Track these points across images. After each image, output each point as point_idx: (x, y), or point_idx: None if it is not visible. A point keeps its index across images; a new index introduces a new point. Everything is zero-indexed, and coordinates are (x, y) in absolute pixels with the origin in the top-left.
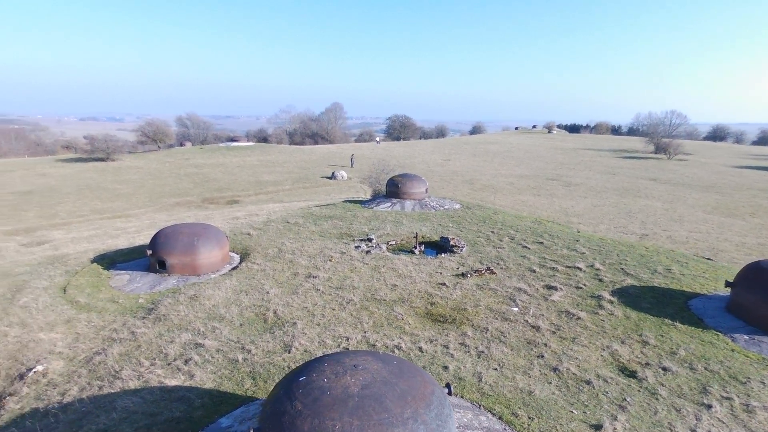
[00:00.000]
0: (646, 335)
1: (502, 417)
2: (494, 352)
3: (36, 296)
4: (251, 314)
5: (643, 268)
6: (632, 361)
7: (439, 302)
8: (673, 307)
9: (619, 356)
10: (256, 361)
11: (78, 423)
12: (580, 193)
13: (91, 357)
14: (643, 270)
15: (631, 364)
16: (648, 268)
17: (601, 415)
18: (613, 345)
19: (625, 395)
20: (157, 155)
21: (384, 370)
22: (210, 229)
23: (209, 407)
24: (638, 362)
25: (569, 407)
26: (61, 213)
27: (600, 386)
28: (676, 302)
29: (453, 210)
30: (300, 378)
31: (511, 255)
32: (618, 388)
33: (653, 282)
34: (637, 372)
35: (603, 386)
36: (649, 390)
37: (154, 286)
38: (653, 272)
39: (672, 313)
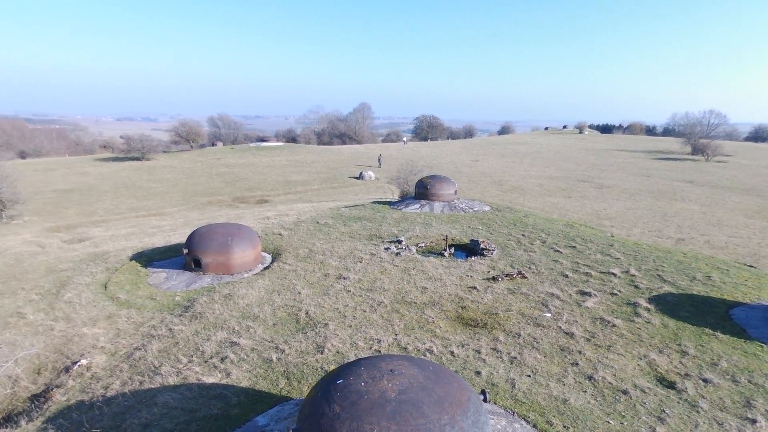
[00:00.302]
0: (686, 345)
1: (537, 425)
2: (527, 359)
3: (79, 292)
4: (284, 314)
5: (681, 274)
6: (671, 372)
7: (470, 306)
8: (714, 316)
9: (657, 366)
10: (290, 361)
11: (121, 417)
12: (612, 196)
13: (131, 352)
14: (681, 277)
15: (669, 374)
16: (686, 274)
17: (639, 427)
18: (651, 354)
19: (664, 407)
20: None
21: (420, 376)
22: (243, 229)
23: (245, 405)
24: (677, 373)
25: (605, 417)
26: (100, 211)
27: (637, 397)
28: (716, 311)
29: (482, 212)
30: (337, 381)
31: (543, 259)
32: (656, 399)
33: (692, 289)
34: (676, 383)
35: (640, 397)
36: (689, 402)
37: (189, 284)
38: (692, 279)
39: (712, 323)
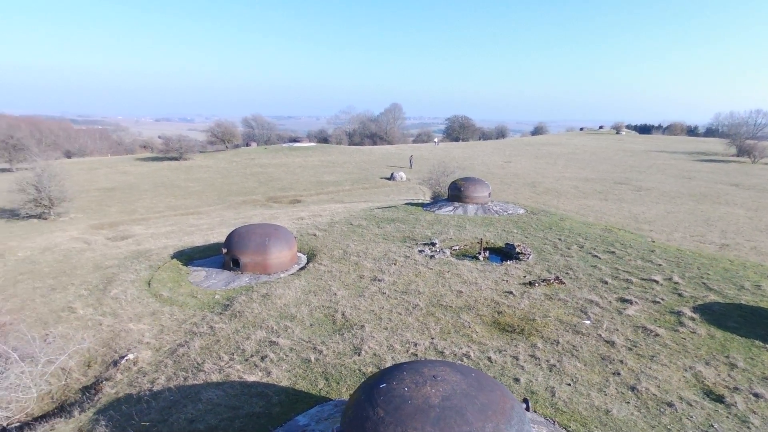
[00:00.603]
0: (734, 357)
1: None
2: (567, 367)
3: (125, 288)
4: (320, 315)
5: (728, 283)
6: (719, 385)
7: (506, 311)
8: (765, 328)
9: (704, 378)
10: (328, 362)
11: (168, 411)
12: (651, 199)
13: (175, 348)
14: (728, 285)
15: (717, 387)
16: (734, 283)
17: None
18: (697, 366)
19: (712, 421)
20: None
21: (463, 382)
22: (280, 230)
23: (286, 404)
24: (726, 386)
25: (650, 430)
26: (140, 209)
27: (683, 410)
28: (764, 319)
29: (517, 215)
30: (380, 385)
31: (581, 264)
32: (704, 413)
33: (740, 299)
34: (724, 397)
35: (687, 410)
36: (740, 417)
37: (228, 283)
38: (740, 288)
39: (763, 335)
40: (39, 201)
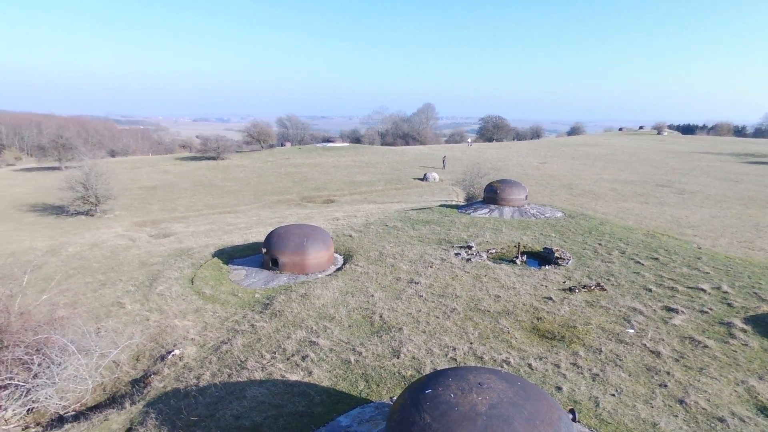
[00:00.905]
0: None
1: None
2: (610, 377)
3: (169, 285)
4: (358, 316)
5: None
6: None
7: (546, 317)
8: None
9: (757, 394)
10: (368, 364)
11: (214, 407)
12: (695, 202)
13: (218, 345)
14: None
15: None
16: None
17: None
18: (749, 380)
19: None
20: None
21: (509, 391)
22: (317, 231)
23: (327, 404)
24: None
25: None
26: (180, 207)
27: (736, 426)
28: None
29: (555, 218)
30: (426, 390)
31: (623, 271)
32: (758, 430)
33: None
34: None
35: (739, 426)
36: None
37: (267, 282)
38: None
39: None
40: (86, 198)
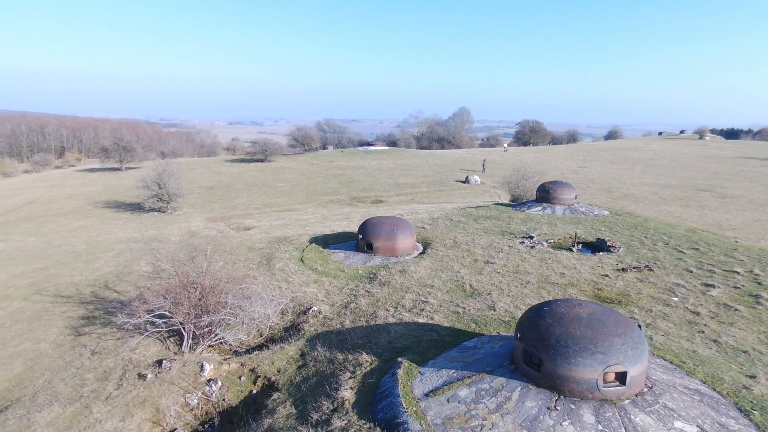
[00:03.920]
0: None
1: (672, 362)
2: (659, 325)
3: (285, 263)
4: (452, 285)
5: None
6: None
7: (604, 288)
8: None
9: None
10: (473, 314)
11: (368, 337)
12: (737, 206)
13: (346, 304)
14: None
15: None
16: None
17: (756, 371)
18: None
19: None
20: (305, 157)
21: (599, 309)
22: (403, 221)
23: (452, 335)
24: None
25: (728, 363)
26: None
27: (756, 355)
28: None
29: (603, 216)
30: (544, 308)
31: (667, 257)
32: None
33: None
34: None
35: (758, 356)
36: None
37: (365, 262)
38: None
39: None
40: (160, 196)
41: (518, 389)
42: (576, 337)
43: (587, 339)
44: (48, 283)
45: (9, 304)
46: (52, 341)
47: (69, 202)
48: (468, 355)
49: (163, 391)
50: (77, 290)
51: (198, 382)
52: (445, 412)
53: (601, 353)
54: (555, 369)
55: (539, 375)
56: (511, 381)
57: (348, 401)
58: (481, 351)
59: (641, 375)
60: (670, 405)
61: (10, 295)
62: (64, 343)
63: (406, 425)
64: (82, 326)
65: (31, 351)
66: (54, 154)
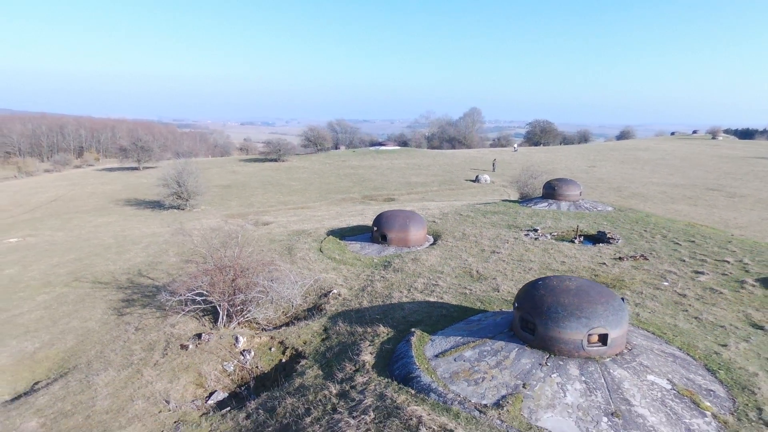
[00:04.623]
0: None
1: (654, 333)
2: (648, 304)
3: (305, 253)
4: (460, 271)
5: None
6: (762, 321)
7: (601, 275)
8: None
9: (752, 317)
10: (478, 295)
11: (384, 313)
12: (746, 205)
13: (363, 287)
14: None
15: (761, 322)
16: None
17: (728, 341)
18: (749, 310)
19: (750, 336)
20: (317, 157)
21: (586, 283)
22: (415, 215)
23: (460, 311)
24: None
25: (705, 335)
26: (256, 203)
27: (731, 329)
28: None
29: (606, 211)
30: (539, 282)
31: (663, 248)
32: (746, 332)
33: None
34: (765, 326)
35: (733, 329)
36: None
37: (380, 252)
38: None
39: None
40: (179, 194)
41: (515, 350)
42: (564, 305)
43: (574, 306)
44: (85, 271)
45: (52, 289)
46: (98, 320)
47: (91, 199)
48: (473, 326)
49: (204, 359)
50: (114, 277)
51: (233, 352)
52: (452, 368)
53: (585, 318)
54: (546, 332)
55: (533, 338)
56: (509, 344)
57: (368, 363)
58: (485, 322)
59: (621, 338)
60: (646, 363)
61: (52, 282)
62: (109, 322)
63: (419, 378)
64: (123, 307)
65: (80, 328)
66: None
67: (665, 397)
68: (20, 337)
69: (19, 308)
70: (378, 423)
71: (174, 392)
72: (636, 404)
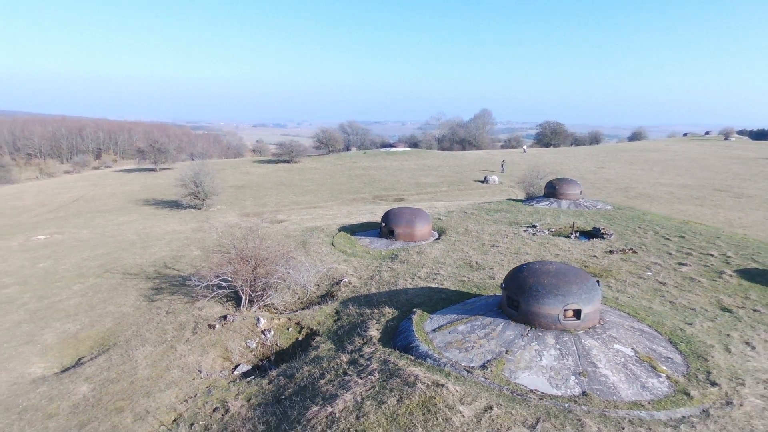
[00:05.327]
0: (751, 294)
1: (629, 313)
2: (629, 290)
3: (318, 247)
4: (461, 262)
5: None
6: (732, 305)
7: (590, 266)
8: None
9: (723, 302)
10: (476, 282)
11: (390, 297)
12: (752, 206)
13: (371, 276)
14: None
15: (730, 306)
16: None
17: (694, 320)
18: (721, 296)
19: (717, 317)
20: (329, 158)
21: (564, 266)
22: (421, 212)
23: (458, 295)
24: (737, 306)
25: (674, 315)
26: (269, 203)
27: (700, 311)
28: None
29: (605, 210)
30: (524, 266)
31: (653, 243)
32: (714, 314)
33: None
34: (732, 310)
35: (702, 312)
36: (737, 317)
37: (388, 246)
38: None
39: None
40: (196, 194)
41: (501, 324)
42: (544, 284)
43: (552, 285)
44: (115, 264)
45: (86, 280)
46: (131, 305)
47: (111, 199)
48: (468, 307)
49: (229, 336)
50: (142, 269)
51: (255, 331)
52: (446, 339)
53: (561, 295)
54: (528, 308)
55: (517, 313)
56: (497, 319)
57: (374, 337)
58: (478, 303)
59: (594, 313)
60: (614, 335)
61: (85, 273)
62: (142, 307)
63: (418, 347)
64: (153, 295)
65: (115, 312)
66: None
67: (627, 361)
68: (63, 320)
69: (58, 296)
70: (382, 381)
71: (204, 364)
72: (601, 367)
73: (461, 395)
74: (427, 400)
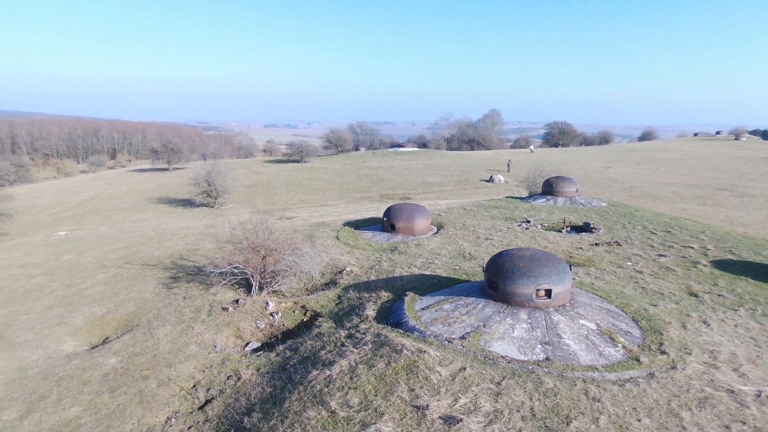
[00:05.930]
0: (719, 281)
1: (601, 296)
2: (606, 277)
3: (324, 240)
4: (455, 253)
5: (750, 251)
6: (699, 291)
7: (575, 256)
8: (757, 272)
9: (692, 288)
10: (466, 269)
11: (387, 283)
12: (755, 205)
13: (372, 266)
14: (749, 252)
15: (697, 292)
16: (755, 252)
17: (659, 302)
18: (691, 283)
19: (682, 300)
20: (338, 158)
21: (538, 252)
22: (421, 207)
23: (449, 281)
24: (703, 291)
25: (642, 298)
26: (279, 202)
27: (668, 296)
28: (762, 270)
29: (599, 207)
30: (503, 252)
31: (639, 237)
32: (680, 297)
33: (752, 259)
34: (699, 294)
35: (670, 296)
36: (701, 301)
37: (389, 239)
38: (757, 254)
39: (752, 275)
40: (209, 193)
41: (482, 303)
42: (519, 267)
43: (526, 268)
44: (134, 256)
45: (108, 270)
46: (151, 291)
47: (127, 198)
48: (455, 290)
49: (241, 318)
50: (159, 261)
51: (264, 313)
52: (433, 316)
53: (534, 277)
54: (505, 288)
55: (496, 293)
56: (479, 299)
57: (370, 316)
58: (465, 287)
59: (564, 293)
60: (582, 312)
61: (107, 265)
62: (161, 293)
63: (407, 323)
64: (171, 283)
65: (137, 298)
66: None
67: (590, 334)
68: (89, 305)
69: (83, 284)
70: (374, 349)
71: (219, 341)
72: (565, 338)
73: (440, 359)
74: (411, 363)
